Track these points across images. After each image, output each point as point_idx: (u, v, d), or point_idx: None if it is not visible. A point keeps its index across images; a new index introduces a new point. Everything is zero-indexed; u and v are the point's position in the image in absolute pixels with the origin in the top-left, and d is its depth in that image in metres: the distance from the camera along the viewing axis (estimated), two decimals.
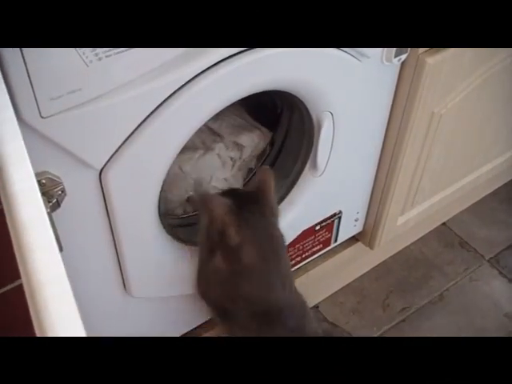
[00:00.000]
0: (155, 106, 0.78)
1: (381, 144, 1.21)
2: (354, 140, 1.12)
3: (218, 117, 1.07)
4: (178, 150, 0.85)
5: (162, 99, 0.78)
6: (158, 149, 0.82)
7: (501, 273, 1.57)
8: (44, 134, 0.70)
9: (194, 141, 1.08)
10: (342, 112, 1.03)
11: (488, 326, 1.45)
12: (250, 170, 1.19)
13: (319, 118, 1.01)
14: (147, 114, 0.78)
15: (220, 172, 1.12)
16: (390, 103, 1.12)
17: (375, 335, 1.43)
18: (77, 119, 0.72)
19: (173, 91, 0.78)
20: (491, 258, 1.61)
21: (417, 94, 1.08)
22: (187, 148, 1.01)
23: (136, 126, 0.78)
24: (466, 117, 1.25)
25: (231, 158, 1.13)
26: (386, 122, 1.16)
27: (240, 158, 1.14)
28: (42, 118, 0.68)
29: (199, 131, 0.93)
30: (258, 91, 0.89)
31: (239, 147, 1.13)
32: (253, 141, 1.13)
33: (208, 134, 1.13)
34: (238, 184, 1.16)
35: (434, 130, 1.19)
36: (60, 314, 0.43)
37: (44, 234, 0.47)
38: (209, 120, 0.88)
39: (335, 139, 1.06)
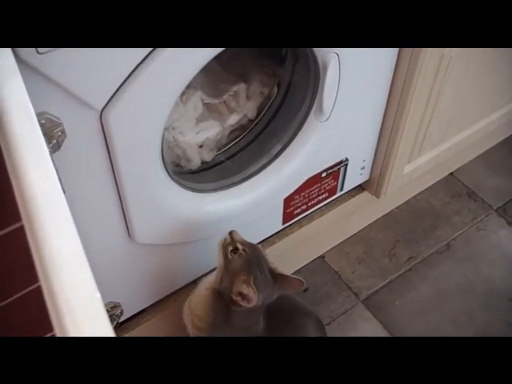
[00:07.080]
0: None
1: (388, 88, 1.18)
2: (361, 83, 1.09)
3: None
4: (181, 90, 0.83)
5: None
6: (161, 88, 0.80)
7: (508, 222, 1.56)
8: (41, 71, 0.68)
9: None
10: (348, 53, 1.00)
11: (495, 275, 1.45)
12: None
13: (325, 59, 0.98)
14: (148, 51, 0.75)
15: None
16: None
17: (382, 285, 1.43)
18: (75, 56, 0.69)
19: None
20: (499, 207, 1.60)
21: None
22: None
23: (137, 63, 0.75)
24: (476, 60, 1.22)
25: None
26: (394, 64, 1.12)
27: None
28: (39, 53, 0.66)
29: None
30: None
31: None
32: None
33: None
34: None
35: (443, 73, 1.16)
36: (65, 257, 0.41)
37: (47, 175, 0.46)
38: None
39: (341, 82, 1.03)
